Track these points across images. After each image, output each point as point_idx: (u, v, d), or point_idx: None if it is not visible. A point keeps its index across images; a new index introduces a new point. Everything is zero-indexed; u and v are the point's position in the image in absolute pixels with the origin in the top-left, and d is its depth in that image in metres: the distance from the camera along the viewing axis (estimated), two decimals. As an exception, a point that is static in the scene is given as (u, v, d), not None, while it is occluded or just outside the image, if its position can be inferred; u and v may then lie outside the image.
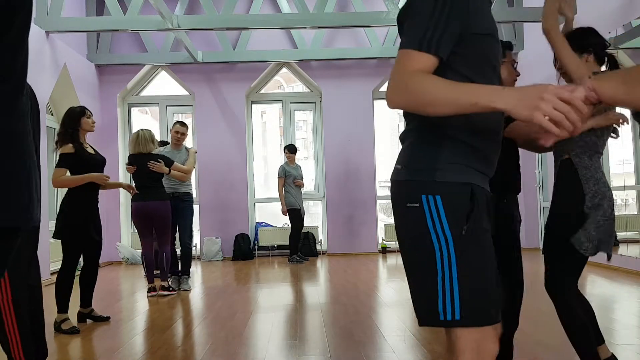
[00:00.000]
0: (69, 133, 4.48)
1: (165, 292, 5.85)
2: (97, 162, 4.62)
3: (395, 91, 1.39)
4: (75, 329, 4.31)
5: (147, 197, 5.69)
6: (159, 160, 5.77)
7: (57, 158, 4.50)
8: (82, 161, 4.48)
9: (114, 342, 3.98)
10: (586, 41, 2.61)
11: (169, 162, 5.88)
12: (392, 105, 1.41)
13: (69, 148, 4.45)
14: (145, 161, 5.72)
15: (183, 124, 6.62)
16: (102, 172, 4.64)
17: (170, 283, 6.11)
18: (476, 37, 1.46)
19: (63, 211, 4.45)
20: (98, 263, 4.72)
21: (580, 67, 2.43)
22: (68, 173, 4.50)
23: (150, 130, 5.94)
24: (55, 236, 4.46)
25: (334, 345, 3.67)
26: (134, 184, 5.83)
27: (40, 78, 7.20)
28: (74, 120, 4.51)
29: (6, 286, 2.65)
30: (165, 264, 5.89)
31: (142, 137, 5.79)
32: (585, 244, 2.46)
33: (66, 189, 4.53)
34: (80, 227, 4.42)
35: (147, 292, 5.81)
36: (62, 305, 4.38)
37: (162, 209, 5.78)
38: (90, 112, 4.65)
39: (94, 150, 4.71)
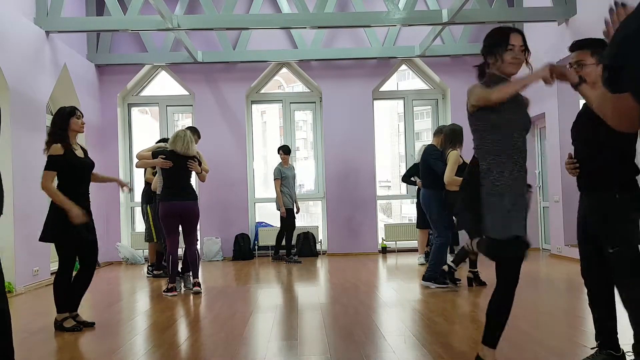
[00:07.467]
0: (58, 133, 4.34)
1: (199, 288, 5.84)
2: (86, 166, 4.46)
3: None
4: (78, 327, 4.29)
5: (183, 197, 5.75)
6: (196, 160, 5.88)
7: (46, 159, 4.31)
8: (70, 165, 4.31)
9: (114, 342, 3.98)
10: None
11: (199, 163, 5.99)
12: None
13: (57, 149, 4.27)
14: (184, 161, 5.78)
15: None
16: (90, 176, 4.51)
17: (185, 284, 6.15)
18: None
19: (52, 213, 4.28)
20: (95, 265, 4.54)
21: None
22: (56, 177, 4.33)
23: (190, 131, 6.05)
24: (45, 239, 4.33)
25: (334, 345, 3.67)
26: (161, 182, 5.83)
27: (40, 78, 7.19)
28: (63, 120, 4.38)
29: None
30: (197, 260, 5.91)
31: (187, 139, 5.84)
32: None
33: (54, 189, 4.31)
34: (70, 228, 4.23)
35: (167, 291, 5.74)
36: (61, 305, 4.33)
37: (196, 209, 5.88)
38: (81, 113, 4.52)
39: (84, 151, 4.54)
